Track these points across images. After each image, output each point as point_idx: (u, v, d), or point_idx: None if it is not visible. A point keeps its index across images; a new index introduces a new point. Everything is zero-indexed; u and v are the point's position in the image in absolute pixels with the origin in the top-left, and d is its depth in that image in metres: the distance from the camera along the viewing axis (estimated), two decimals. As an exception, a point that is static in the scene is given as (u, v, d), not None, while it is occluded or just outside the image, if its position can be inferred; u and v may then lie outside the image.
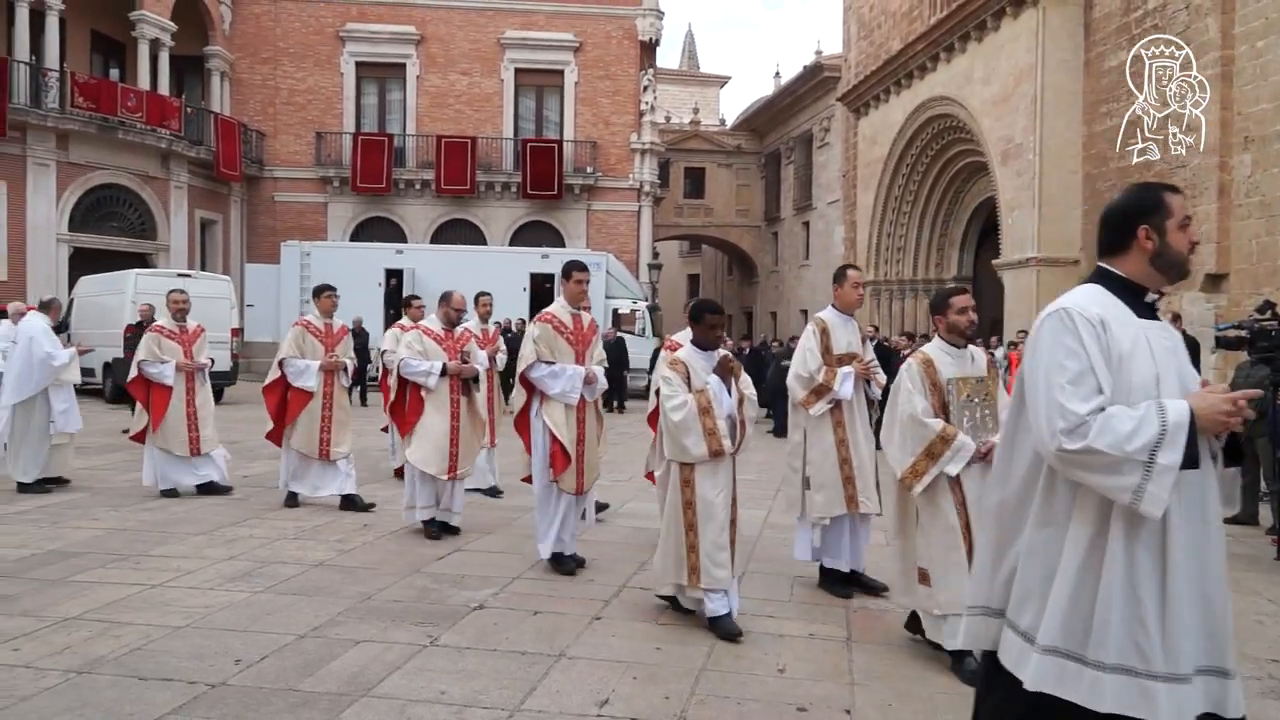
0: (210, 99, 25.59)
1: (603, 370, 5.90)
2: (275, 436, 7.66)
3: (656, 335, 21.51)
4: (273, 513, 7.30)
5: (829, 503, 5.23)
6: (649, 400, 6.35)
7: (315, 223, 26.37)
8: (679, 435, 4.52)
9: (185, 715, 3.44)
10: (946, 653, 4.13)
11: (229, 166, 24.57)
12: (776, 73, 55.14)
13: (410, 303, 9.14)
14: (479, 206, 26.81)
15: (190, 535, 6.42)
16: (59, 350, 8.08)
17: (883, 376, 5.48)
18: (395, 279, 21.85)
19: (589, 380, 5.69)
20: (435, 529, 6.53)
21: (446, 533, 6.58)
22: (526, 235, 26.84)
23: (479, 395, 6.90)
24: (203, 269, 22.81)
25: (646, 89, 27.29)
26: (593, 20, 27.15)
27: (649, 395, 6.68)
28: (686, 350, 4.81)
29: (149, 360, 7.89)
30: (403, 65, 26.90)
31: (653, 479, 5.41)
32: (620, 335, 19.70)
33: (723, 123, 43.64)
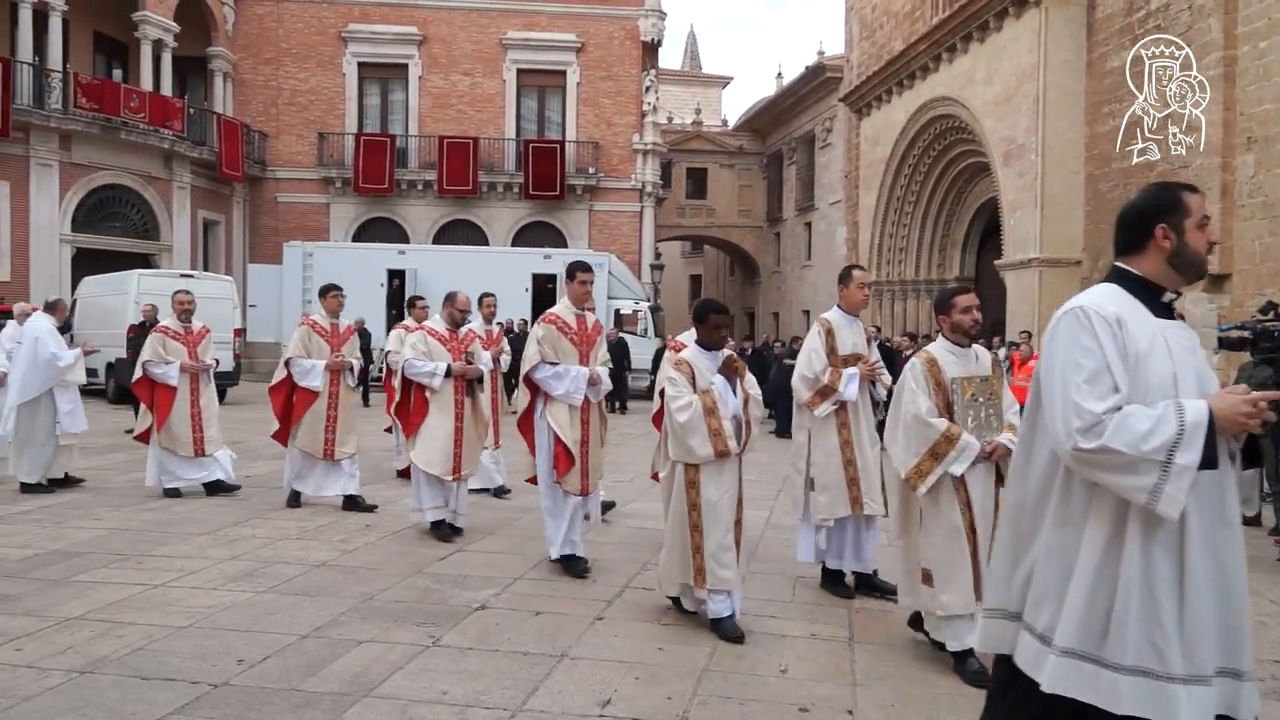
0: (213, 99, 25.62)
1: (607, 371, 5.89)
2: (281, 436, 7.66)
3: (658, 336, 21.52)
4: (275, 513, 7.30)
5: (833, 504, 5.21)
6: (653, 401, 6.33)
7: (317, 223, 26.39)
8: (684, 436, 4.50)
9: (188, 715, 3.44)
10: (949, 653, 4.13)
11: (231, 167, 24.60)
12: (778, 73, 54.97)
13: (414, 303, 9.15)
14: (481, 207, 26.83)
15: (193, 535, 6.42)
16: (64, 351, 8.10)
17: (888, 378, 5.43)
18: (397, 279, 21.88)
19: (593, 381, 5.67)
20: (446, 530, 6.52)
21: (452, 533, 6.56)
22: (528, 236, 26.85)
23: (483, 396, 6.89)
24: (205, 269, 22.82)
25: (649, 89, 27.28)
26: (595, 21, 27.14)
27: (651, 395, 6.67)
28: (691, 350, 4.79)
29: (154, 361, 7.89)
30: (405, 66, 26.91)
31: (659, 480, 5.39)
32: (622, 336, 19.71)
33: (725, 123, 43.64)
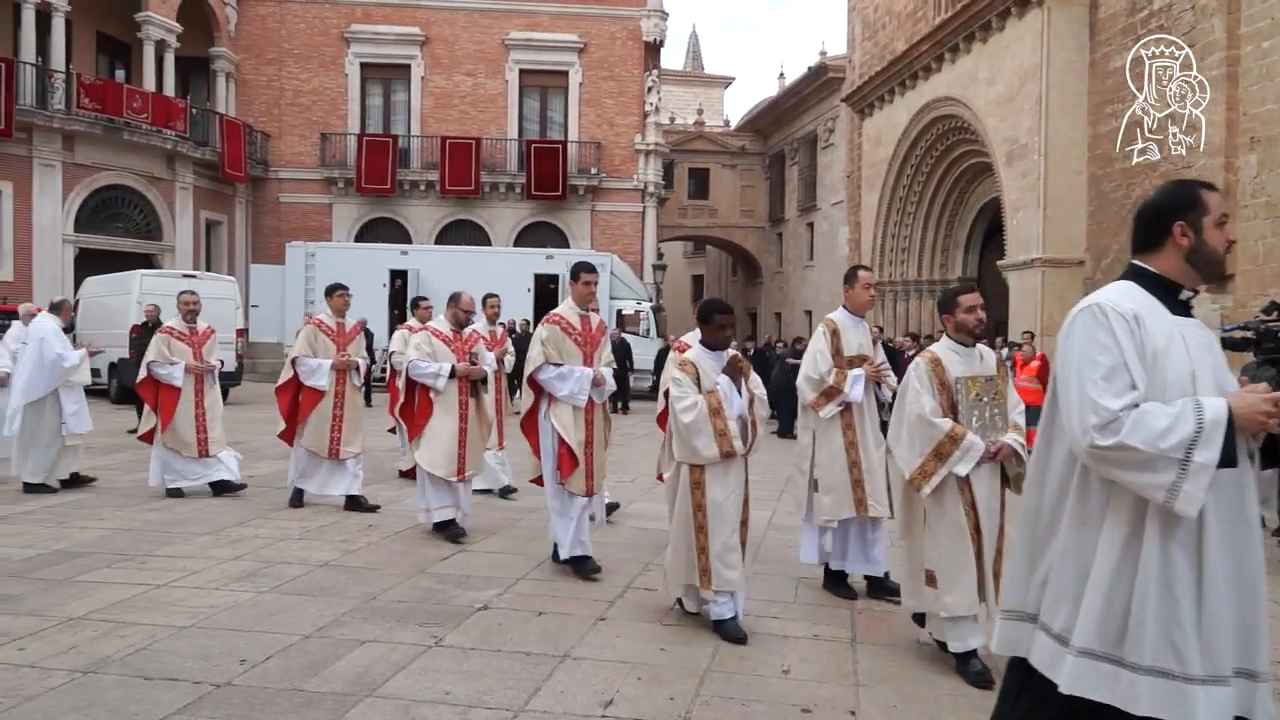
0: (215, 100, 25.64)
1: (611, 372, 5.88)
2: (287, 436, 7.65)
3: (660, 336, 21.52)
4: (278, 513, 7.30)
5: (837, 505, 5.19)
6: (658, 401, 6.32)
7: (320, 224, 26.41)
8: (690, 437, 4.48)
9: (190, 715, 3.44)
10: (952, 654, 4.12)
11: (234, 167, 24.62)
12: (781, 74, 54.95)
13: (418, 304, 9.17)
14: (483, 207, 26.83)
15: (196, 535, 6.43)
16: (69, 351, 8.10)
17: (894, 379, 5.40)
18: (400, 280, 21.88)
19: (597, 382, 5.65)
20: (457, 529, 6.49)
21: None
22: (531, 236, 26.86)
23: (487, 397, 6.89)
24: (208, 270, 22.83)
25: (651, 90, 27.28)
26: (597, 21, 27.14)
27: (653, 396, 6.65)
28: (695, 351, 4.78)
29: (158, 361, 7.89)
30: (407, 66, 26.92)
31: (664, 480, 5.37)
32: (624, 336, 19.71)
33: (727, 124, 43.64)
